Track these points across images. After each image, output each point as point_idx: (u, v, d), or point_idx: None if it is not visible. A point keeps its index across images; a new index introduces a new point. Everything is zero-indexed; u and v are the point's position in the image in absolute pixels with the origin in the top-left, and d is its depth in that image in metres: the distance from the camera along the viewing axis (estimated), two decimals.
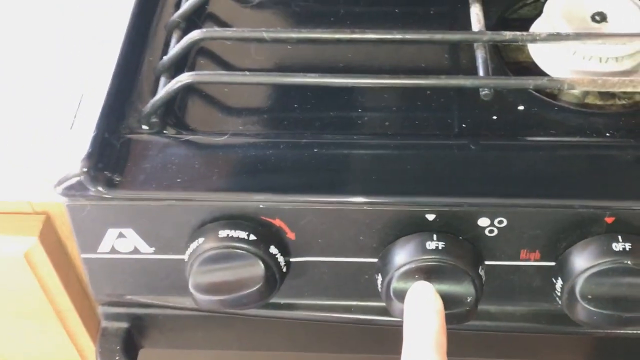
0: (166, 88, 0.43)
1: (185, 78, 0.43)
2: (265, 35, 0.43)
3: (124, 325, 0.49)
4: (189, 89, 0.46)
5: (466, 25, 0.47)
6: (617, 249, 0.38)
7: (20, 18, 0.52)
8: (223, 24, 0.51)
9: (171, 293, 0.45)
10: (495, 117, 0.44)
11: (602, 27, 0.46)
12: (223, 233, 0.40)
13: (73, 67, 0.49)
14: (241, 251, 0.40)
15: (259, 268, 0.40)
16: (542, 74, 0.46)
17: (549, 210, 0.39)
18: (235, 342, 0.51)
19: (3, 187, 0.46)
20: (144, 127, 0.44)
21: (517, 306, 0.44)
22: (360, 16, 0.51)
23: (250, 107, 0.46)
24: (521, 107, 0.44)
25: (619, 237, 0.39)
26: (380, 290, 0.41)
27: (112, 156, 0.42)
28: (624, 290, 0.38)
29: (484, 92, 0.41)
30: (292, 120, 0.45)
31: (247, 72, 0.43)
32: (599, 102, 0.47)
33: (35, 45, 0.51)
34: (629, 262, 0.38)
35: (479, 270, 0.40)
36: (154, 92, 0.45)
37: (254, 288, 0.41)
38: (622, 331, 0.43)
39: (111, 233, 0.42)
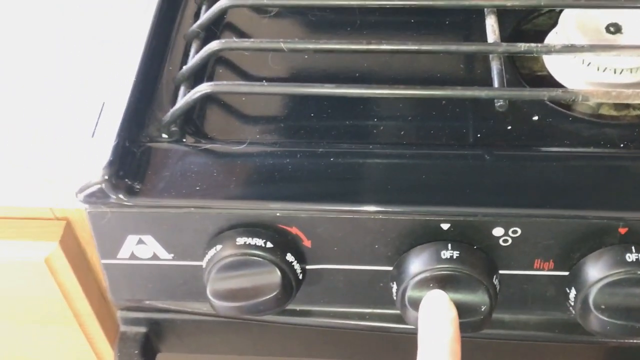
0: (186, 98, 0.44)
1: (204, 88, 0.43)
2: (283, 45, 0.44)
3: (143, 330, 0.50)
4: (207, 99, 0.47)
5: (481, 35, 0.48)
6: (630, 260, 0.39)
7: (20, 18, 0.53)
8: (241, 33, 0.52)
9: (189, 299, 0.46)
10: (509, 128, 0.44)
11: (617, 39, 0.47)
12: (240, 240, 0.41)
13: (76, 64, 0.50)
14: (258, 258, 0.41)
15: (275, 275, 0.41)
16: (556, 84, 0.46)
17: (562, 221, 0.40)
18: (251, 348, 0.51)
19: (24, 193, 0.47)
20: (164, 135, 0.45)
21: (531, 315, 0.44)
22: (377, 26, 0.52)
23: (268, 116, 0.47)
24: (535, 118, 0.45)
25: (633, 247, 0.39)
26: (395, 298, 0.41)
27: (132, 164, 0.43)
28: (637, 300, 0.39)
29: (499, 104, 0.42)
30: (308, 129, 0.46)
31: (264, 83, 0.44)
32: (613, 113, 0.47)
33: (35, 45, 0.51)
34: None
35: (493, 280, 0.40)
36: (173, 101, 0.46)
37: (271, 295, 0.41)
38: (635, 340, 0.44)
39: (131, 239, 0.43)
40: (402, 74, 0.49)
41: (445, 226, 0.41)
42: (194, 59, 0.46)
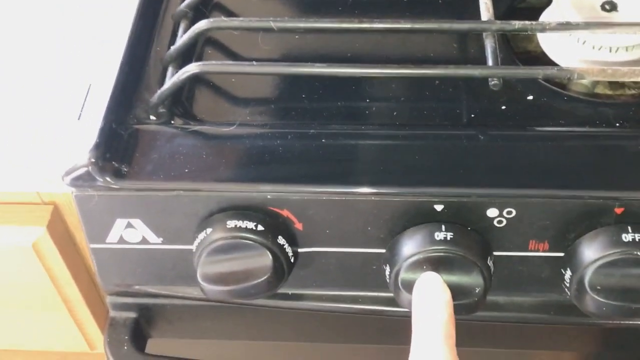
0: (173, 79, 0.43)
1: (192, 68, 0.43)
2: (272, 24, 0.43)
3: (132, 315, 0.49)
4: (196, 79, 0.46)
5: (475, 14, 0.47)
6: (626, 240, 0.38)
7: (20, 18, 0.52)
8: (230, 13, 0.51)
9: (179, 283, 0.45)
10: (504, 107, 0.44)
11: (612, 16, 0.46)
12: (231, 223, 0.40)
13: (77, 64, 0.49)
14: (249, 241, 0.40)
15: (267, 258, 0.40)
16: (551, 63, 0.46)
17: (557, 201, 0.39)
18: (243, 332, 0.51)
19: (11, 177, 0.46)
20: (152, 117, 0.44)
21: (526, 297, 0.44)
22: (369, 5, 0.51)
23: (258, 97, 0.46)
24: (530, 97, 0.44)
25: (629, 227, 0.39)
26: (388, 281, 0.41)
27: (119, 147, 0.42)
28: (633, 281, 0.38)
29: (493, 82, 0.41)
30: (299, 110, 0.45)
31: (254, 62, 0.43)
32: (608, 92, 0.46)
33: (35, 45, 0.51)
34: (638, 253, 0.38)
35: (488, 261, 0.40)
36: (161, 82, 0.45)
37: (262, 278, 0.41)
38: (631, 321, 0.43)
39: (119, 223, 0.43)
40: (395, 53, 0.48)
41: (438, 207, 0.40)
42: (181, 39, 0.46)
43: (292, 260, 0.42)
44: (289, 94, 0.46)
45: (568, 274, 0.40)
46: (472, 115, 0.44)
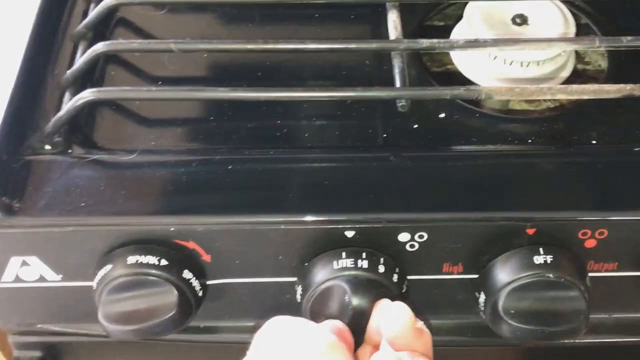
0: (68, 105, 0.41)
1: (87, 95, 0.40)
2: (173, 46, 0.41)
3: (37, 354, 0.46)
4: (97, 104, 0.44)
5: (387, 29, 0.46)
6: (538, 262, 0.38)
7: None
8: (136, 30, 0.49)
9: (84, 320, 0.43)
10: (416, 126, 0.43)
11: (523, 30, 0.46)
12: (132, 259, 0.38)
13: None
14: (152, 277, 0.38)
15: (172, 294, 0.38)
16: (465, 80, 0.45)
17: (468, 224, 0.39)
18: None
19: None
20: (47, 147, 0.41)
21: (444, 319, 0.43)
22: (279, 20, 0.49)
23: (164, 120, 0.44)
24: (442, 115, 0.43)
25: (540, 249, 0.38)
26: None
27: (10, 180, 0.39)
28: (546, 304, 0.38)
29: (400, 104, 0.40)
30: (207, 134, 0.43)
31: (152, 88, 0.41)
32: (525, 106, 0.46)
33: None
34: (550, 276, 0.37)
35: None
36: (58, 108, 0.43)
37: (168, 315, 0.38)
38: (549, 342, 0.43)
39: (14, 261, 0.40)
40: (307, 71, 0.46)
41: (349, 234, 0.39)
42: (78, 62, 0.43)
43: (200, 294, 0.40)
44: (197, 116, 0.44)
45: (482, 297, 0.39)
46: (385, 136, 0.43)
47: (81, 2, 0.49)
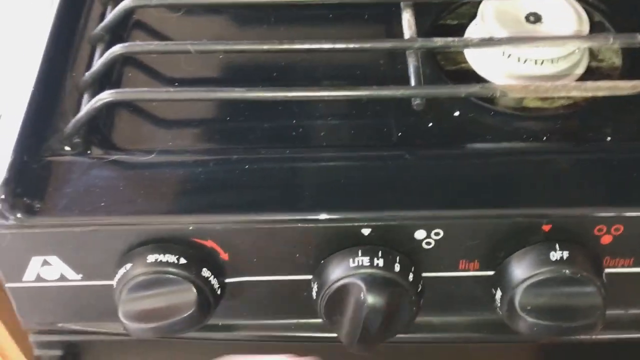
0: (87, 107, 0.41)
1: (106, 96, 0.41)
2: (190, 47, 0.42)
3: (58, 353, 0.47)
4: (115, 105, 0.44)
5: (402, 28, 0.46)
6: (554, 258, 0.38)
7: None
8: (152, 32, 0.49)
9: (104, 319, 0.43)
10: (431, 125, 0.43)
11: (537, 28, 0.46)
12: (151, 258, 0.39)
13: None
14: (171, 276, 0.39)
15: (191, 293, 0.39)
16: (480, 78, 0.45)
17: (485, 221, 0.39)
18: None
19: None
20: (67, 148, 0.42)
21: (460, 316, 0.43)
22: (294, 21, 0.50)
23: (181, 121, 0.44)
24: (457, 113, 0.43)
25: (557, 245, 0.38)
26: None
27: (31, 181, 0.40)
28: (563, 300, 0.38)
29: (416, 102, 0.40)
30: (223, 134, 0.44)
31: (170, 89, 0.42)
32: (538, 104, 0.46)
33: None
34: (567, 272, 0.38)
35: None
36: (77, 110, 0.43)
37: (187, 314, 0.39)
38: (566, 338, 0.43)
39: (35, 261, 0.40)
40: (322, 70, 0.47)
41: (365, 231, 0.39)
42: (96, 64, 0.44)
43: (218, 293, 0.40)
44: (213, 117, 0.45)
45: (499, 294, 0.39)
46: (400, 134, 0.43)
47: (98, 4, 0.50)
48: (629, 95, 0.41)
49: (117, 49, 0.42)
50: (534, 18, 0.46)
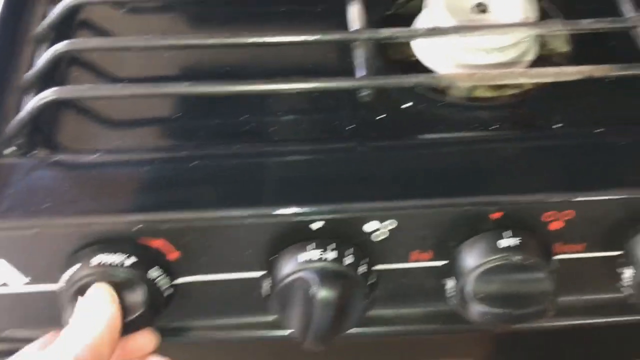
0: (29, 106, 0.40)
1: (48, 94, 0.40)
2: (134, 44, 0.41)
3: None
4: (60, 104, 0.43)
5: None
6: (503, 246, 0.38)
7: None
8: (99, 31, 0.48)
9: (52, 326, 0.42)
10: (382, 117, 0.43)
11: (485, 17, 0.46)
12: (95, 260, 0.38)
13: None
14: (119, 276, 0.38)
15: (139, 293, 0.38)
16: (429, 70, 0.45)
17: (435, 210, 0.39)
18: None
19: None
20: (9, 149, 0.41)
21: (413, 308, 0.43)
22: (244, 18, 0.49)
23: (127, 120, 0.44)
24: (407, 105, 0.43)
25: (505, 233, 0.38)
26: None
27: None
28: (513, 286, 0.38)
29: (364, 93, 0.40)
30: (171, 131, 0.43)
31: (114, 85, 0.41)
32: (488, 94, 0.46)
33: None
34: (516, 258, 0.38)
35: (371, 276, 0.39)
36: (19, 110, 0.42)
37: (136, 314, 0.38)
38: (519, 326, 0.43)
39: None
40: (273, 67, 0.46)
41: (316, 225, 0.39)
42: (39, 62, 0.43)
43: (168, 293, 0.40)
44: (160, 115, 0.44)
45: (451, 283, 0.39)
46: (351, 127, 0.43)
47: (42, 3, 0.49)
48: (576, 81, 0.41)
49: (59, 46, 0.42)
50: (482, 8, 0.46)
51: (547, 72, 0.40)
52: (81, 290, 0.37)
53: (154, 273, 0.39)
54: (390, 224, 0.39)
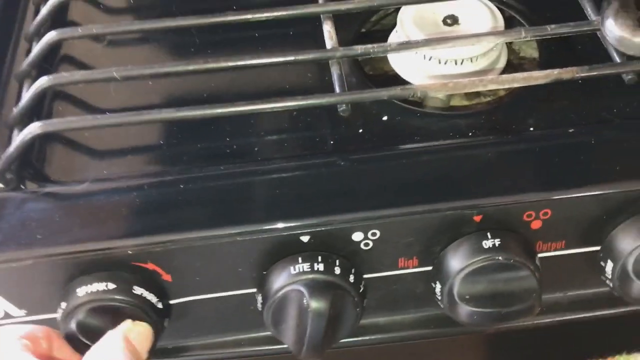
0: (16, 142, 0.41)
1: (34, 129, 0.41)
2: (115, 74, 0.42)
3: None
4: (47, 138, 0.44)
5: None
6: (487, 246, 0.39)
7: None
8: (80, 65, 0.50)
9: None
10: (361, 130, 0.44)
11: (455, 29, 0.47)
12: (90, 288, 0.38)
13: None
14: (115, 303, 0.39)
15: (135, 317, 0.39)
16: (405, 82, 0.47)
17: (418, 217, 0.40)
18: None
19: None
20: None
21: (404, 315, 0.44)
22: (220, 43, 0.50)
23: (113, 149, 0.45)
24: (385, 117, 0.45)
25: (488, 234, 0.39)
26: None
27: None
28: (499, 286, 0.39)
29: (341, 108, 0.41)
30: (157, 158, 0.44)
31: (98, 115, 0.42)
32: (465, 102, 0.47)
33: None
34: (499, 258, 0.39)
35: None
36: (8, 146, 0.43)
37: None
38: (508, 325, 0.44)
39: None
40: (252, 89, 0.47)
41: (305, 238, 0.40)
42: (24, 98, 0.44)
43: (164, 315, 0.40)
44: (145, 142, 0.45)
45: (438, 286, 0.40)
46: (332, 142, 0.44)
47: (24, 42, 0.50)
48: (547, 85, 0.43)
49: (42, 81, 0.43)
50: (451, 20, 0.48)
51: (516, 78, 0.42)
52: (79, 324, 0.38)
53: (149, 296, 0.39)
54: (374, 233, 0.40)
